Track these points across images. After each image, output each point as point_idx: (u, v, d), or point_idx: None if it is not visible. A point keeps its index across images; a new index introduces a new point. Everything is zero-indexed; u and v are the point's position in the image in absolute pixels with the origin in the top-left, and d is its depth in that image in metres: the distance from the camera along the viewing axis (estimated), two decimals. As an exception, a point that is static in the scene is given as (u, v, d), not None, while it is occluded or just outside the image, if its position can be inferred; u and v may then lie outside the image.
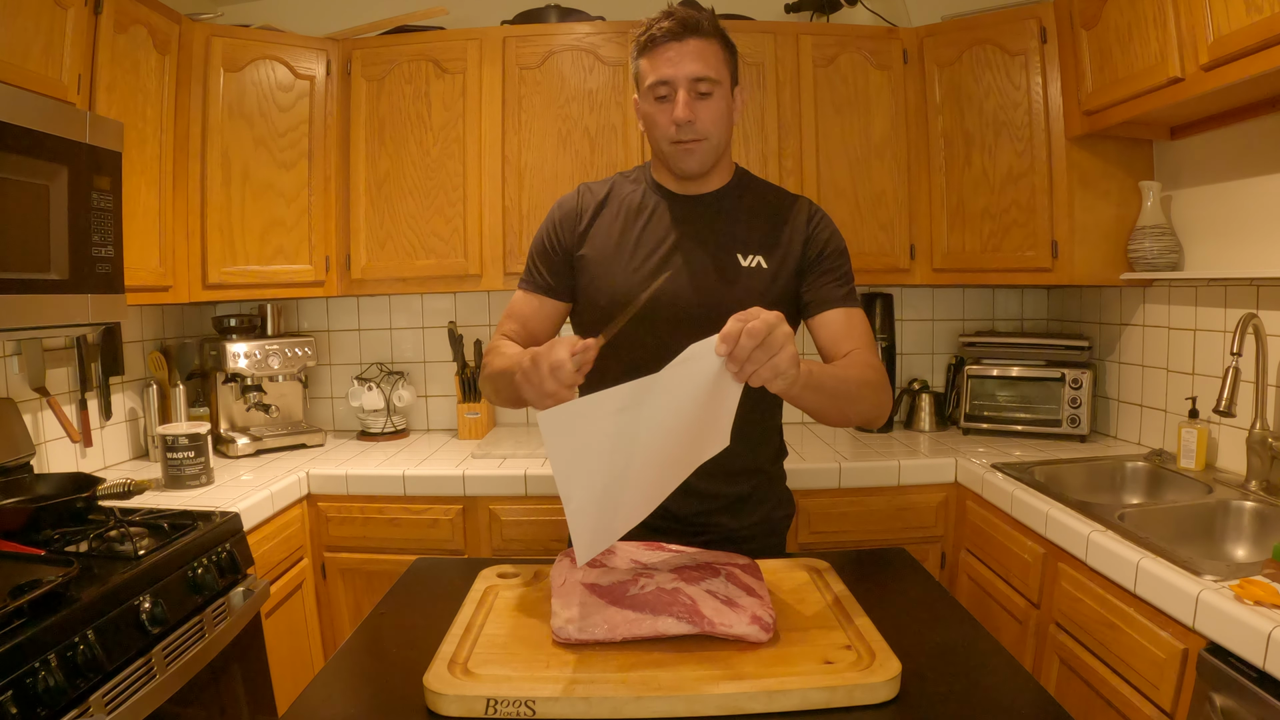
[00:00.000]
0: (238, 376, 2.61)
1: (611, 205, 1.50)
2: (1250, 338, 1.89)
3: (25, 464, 1.97)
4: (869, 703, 0.91)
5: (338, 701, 0.99)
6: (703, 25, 1.36)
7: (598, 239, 1.47)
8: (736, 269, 1.43)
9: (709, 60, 1.36)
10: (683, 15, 1.36)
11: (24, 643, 1.21)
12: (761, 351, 0.99)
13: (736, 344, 0.99)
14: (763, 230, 1.46)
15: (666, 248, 1.44)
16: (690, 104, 1.36)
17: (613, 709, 0.90)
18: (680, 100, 1.35)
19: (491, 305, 2.97)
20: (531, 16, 2.66)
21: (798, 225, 1.47)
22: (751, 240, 1.45)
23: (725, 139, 1.43)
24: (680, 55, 1.35)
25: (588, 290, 1.48)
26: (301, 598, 2.27)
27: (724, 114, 1.40)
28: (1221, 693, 1.25)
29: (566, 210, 1.51)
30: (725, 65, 1.39)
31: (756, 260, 1.44)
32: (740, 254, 1.44)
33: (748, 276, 1.43)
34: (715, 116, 1.39)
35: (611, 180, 1.54)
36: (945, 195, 2.58)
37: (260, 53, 2.46)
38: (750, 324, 0.99)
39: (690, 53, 1.35)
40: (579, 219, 1.50)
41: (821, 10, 2.74)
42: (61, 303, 1.73)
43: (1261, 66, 1.58)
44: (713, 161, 1.43)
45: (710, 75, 1.36)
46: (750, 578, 1.14)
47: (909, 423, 2.82)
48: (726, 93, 1.40)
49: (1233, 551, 1.79)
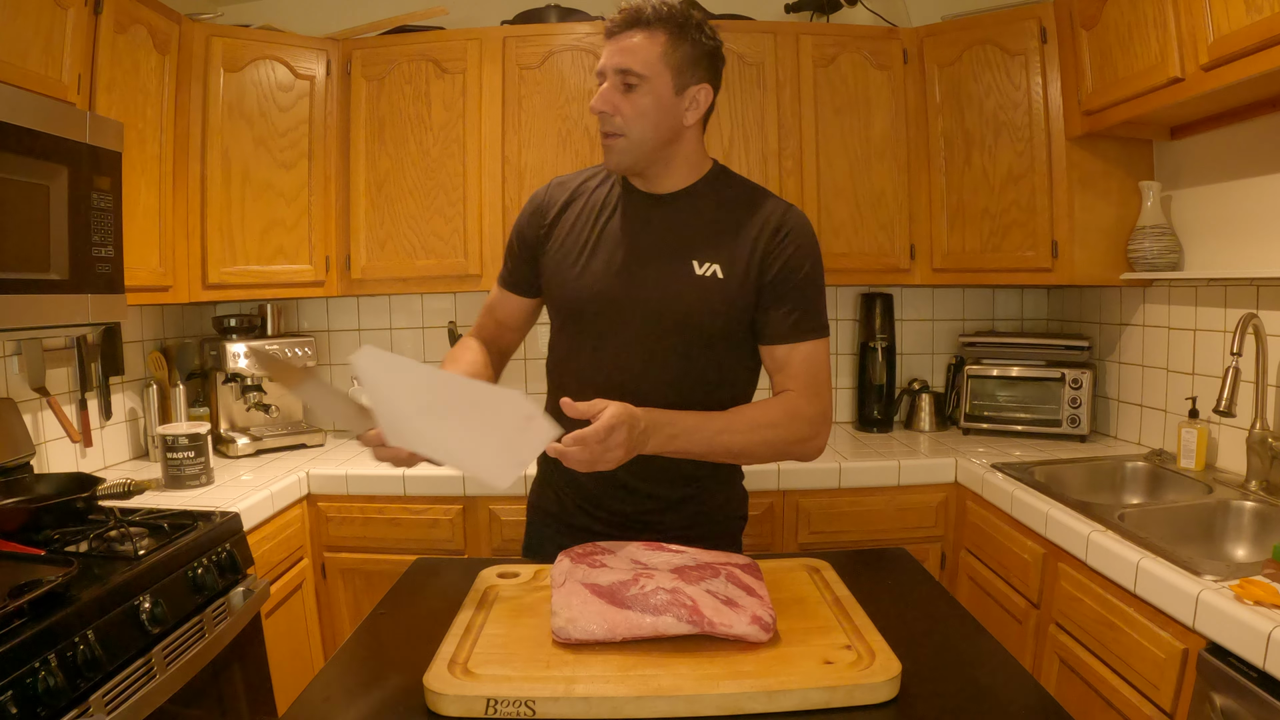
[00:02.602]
0: (238, 376, 2.61)
1: (577, 202, 1.46)
2: (1250, 338, 1.89)
3: (25, 464, 1.97)
4: (869, 703, 0.91)
5: (338, 701, 0.99)
6: (646, 15, 1.30)
7: (559, 238, 1.45)
8: (688, 278, 1.36)
9: (640, 54, 1.30)
10: (626, 8, 1.31)
11: (24, 643, 1.20)
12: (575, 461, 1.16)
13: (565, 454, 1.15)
14: (725, 237, 1.37)
15: (617, 252, 1.39)
16: (608, 95, 1.32)
17: (613, 709, 0.90)
18: (601, 91, 1.32)
19: (491, 305, 2.97)
20: (531, 16, 2.66)
21: (763, 236, 1.37)
22: (710, 247, 1.37)
23: (653, 137, 1.34)
24: (616, 48, 1.32)
25: (546, 290, 1.48)
26: (301, 598, 2.27)
27: (649, 111, 1.32)
28: (1221, 693, 1.25)
29: (535, 204, 1.50)
30: (663, 61, 1.31)
31: (712, 269, 1.36)
32: (696, 261, 1.36)
33: (700, 286, 1.35)
34: (636, 112, 1.32)
35: (586, 174, 1.51)
36: (945, 195, 2.58)
37: (260, 53, 2.46)
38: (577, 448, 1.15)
39: (624, 46, 1.31)
40: (544, 214, 1.47)
41: (821, 10, 2.74)
42: (61, 303, 1.72)
43: (1261, 66, 1.58)
44: (635, 160, 1.36)
45: (634, 69, 1.29)
46: (750, 578, 1.14)
47: (909, 423, 2.82)
48: (659, 89, 1.31)
49: (1233, 551, 1.79)
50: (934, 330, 3.00)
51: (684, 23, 1.32)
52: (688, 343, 1.37)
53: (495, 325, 1.58)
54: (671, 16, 1.31)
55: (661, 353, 1.37)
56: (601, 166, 1.47)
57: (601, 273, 1.39)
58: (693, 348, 1.38)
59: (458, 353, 1.52)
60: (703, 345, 1.38)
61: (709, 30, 1.34)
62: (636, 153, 1.35)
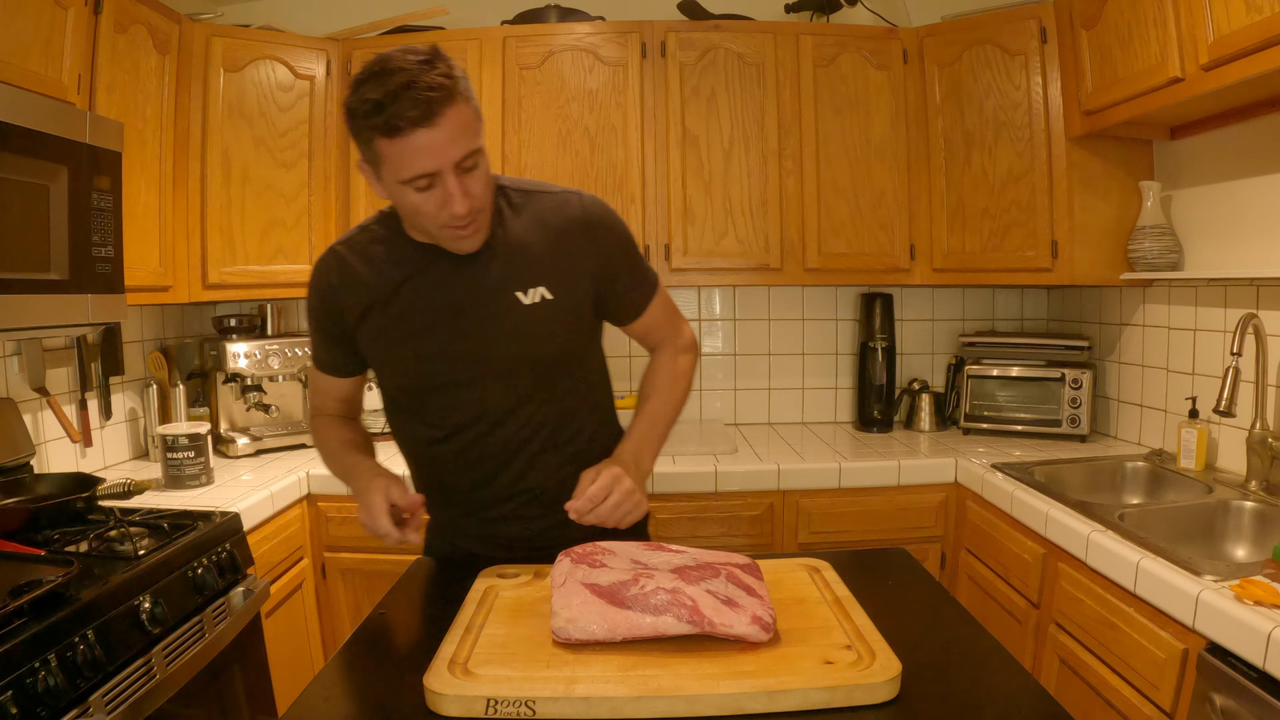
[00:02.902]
0: (238, 376, 2.61)
1: (372, 274, 1.33)
2: (1250, 338, 1.89)
3: (25, 464, 1.97)
4: (869, 703, 0.91)
5: (338, 701, 0.99)
6: (449, 88, 1.11)
7: (371, 316, 1.33)
8: (518, 311, 1.30)
9: (468, 130, 1.14)
10: (427, 88, 1.09)
11: (24, 643, 1.20)
12: (614, 519, 1.25)
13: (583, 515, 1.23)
14: (540, 258, 1.31)
15: (438, 314, 1.31)
16: (465, 191, 1.16)
17: (613, 709, 0.90)
18: (455, 191, 1.15)
19: (491, 305, 2.97)
20: (531, 16, 2.66)
21: (574, 241, 1.32)
22: (528, 272, 1.30)
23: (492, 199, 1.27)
24: (438, 140, 1.11)
25: (376, 371, 1.42)
26: (301, 598, 2.27)
27: (489, 176, 1.23)
28: (1221, 693, 1.25)
29: (320, 292, 1.37)
30: (477, 117, 1.17)
31: (539, 293, 1.30)
32: (519, 292, 1.30)
33: (532, 314, 1.30)
34: (486, 182, 1.22)
35: (363, 238, 1.35)
36: (945, 195, 2.58)
37: (260, 53, 2.46)
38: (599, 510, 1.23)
39: (448, 134, 1.12)
40: (337, 292, 1.35)
41: (821, 10, 2.74)
42: (61, 303, 1.72)
43: (1261, 66, 1.58)
44: (485, 233, 1.27)
45: (474, 146, 1.16)
46: (750, 578, 1.14)
47: (909, 423, 2.82)
48: (486, 149, 1.21)
49: (1233, 551, 1.79)
50: (934, 330, 3.00)
51: (460, 74, 1.15)
52: (542, 373, 1.36)
53: (341, 403, 1.51)
54: (456, 75, 1.14)
55: (522, 391, 1.35)
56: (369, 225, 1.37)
57: (433, 342, 1.31)
58: (549, 376, 1.36)
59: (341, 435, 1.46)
60: (557, 370, 1.37)
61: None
62: (486, 226, 1.27)
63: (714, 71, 2.55)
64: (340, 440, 1.45)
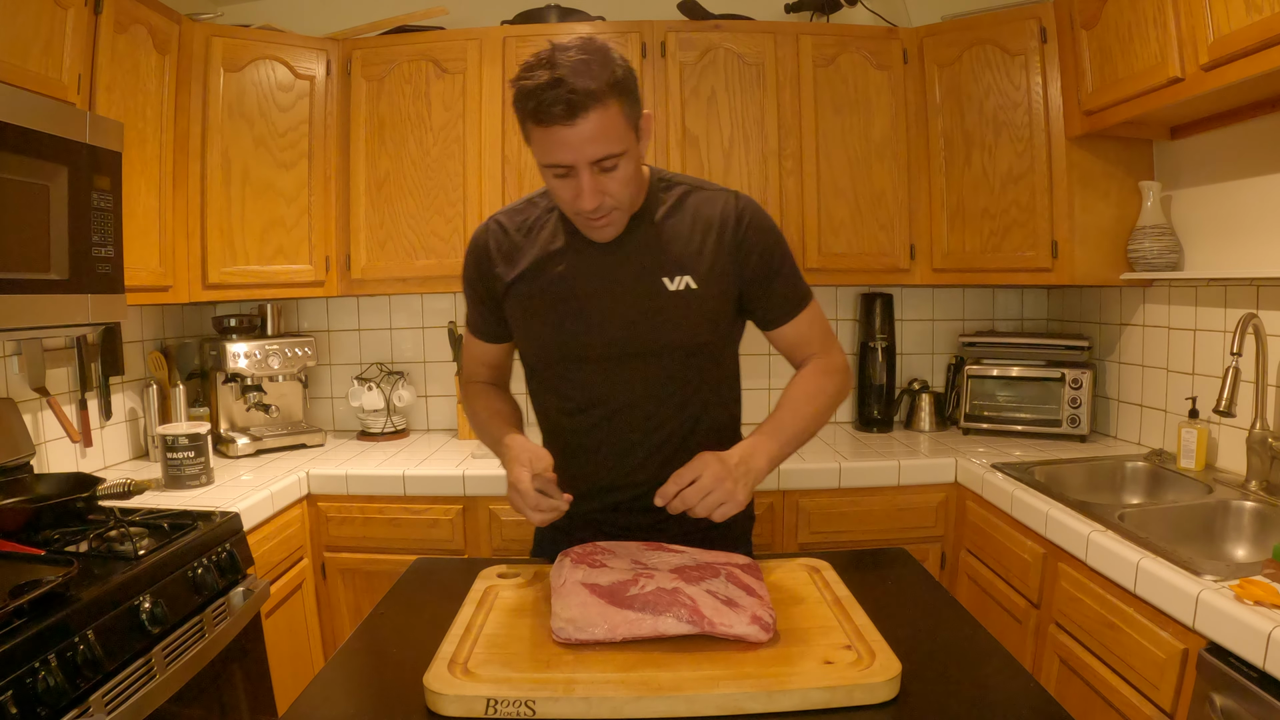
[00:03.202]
0: (238, 376, 2.61)
1: (527, 249, 1.39)
2: (1250, 338, 1.89)
3: (25, 464, 1.97)
4: (869, 703, 0.91)
5: (338, 701, 0.99)
6: (596, 92, 1.15)
7: (518, 287, 1.39)
8: (662, 296, 1.34)
9: (610, 134, 1.18)
10: (569, 91, 1.13)
11: (24, 643, 1.20)
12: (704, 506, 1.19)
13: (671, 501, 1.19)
14: (688, 247, 1.35)
15: (585, 292, 1.36)
16: (595, 188, 1.22)
17: (613, 709, 0.90)
18: (586, 187, 1.21)
19: (491, 305, 2.97)
20: (531, 16, 2.66)
21: (725, 236, 1.35)
22: (676, 261, 1.34)
23: (639, 190, 1.31)
24: (575, 139, 1.17)
25: (520, 343, 1.46)
26: (301, 598, 2.27)
27: (633, 174, 1.26)
28: (1221, 693, 1.25)
29: (478, 254, 1.43)
30: (627, 121, 1.21)
31: (684, 281, 1.34)
32: (666, 278, 1.34)
33: (675, 301, 1.33)
34: (625, 181, 1.24)
35: (521, 213, 1.42)
36: (945, 195, 2.58)
37: (260, 53, 2.46)
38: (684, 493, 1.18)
39: (586, 135, 1.17)
40: (492, 263, 1.41)
41: (821, 10, 2.74)
42: (61, 303, 1.72)
43: (1261, 66, 1.58)
44: (628, 220, 1.32)
45: (614, 151, 1.20)
46: (750, 578, 1.14)
47: (909, 423, 2.82)
48: (632, 150, 1.23)
49: (1233, 551, 1.79)
50: (934, 330, 3.00)
51: (622, 75, 1.19)
52: (678, 360, 1.37)
53: (490, 369, 1.56)
54: (614, 78, 1.17)
55: (655, 375, 1.37)
56: (535, 199, 1.43)
57: (578, 318, 1.35)
58: (684, 363, 1.38)
59: (491, 405, 1.49)
60: (692, 358, 1.38)
61: (621, 58, 1.22)
62: (628, 216, 1.32)
63: (714, 71, 2.55)
64: (490, 410, 1.47)
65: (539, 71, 1.16)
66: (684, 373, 1.38)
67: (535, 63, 1.17)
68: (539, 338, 1.41)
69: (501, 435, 1.38)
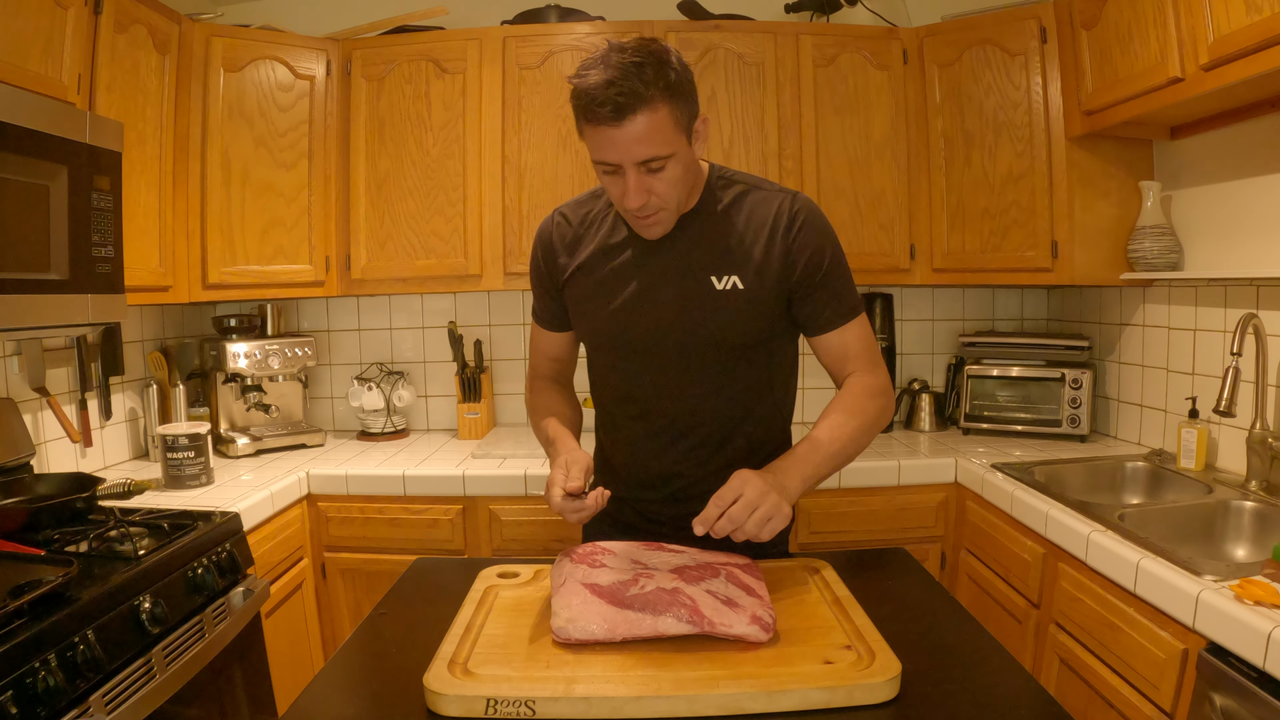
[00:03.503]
0: (238, 376, 2.61)
1: (587, 239, 1.44)
2: (1250, 338, 1.89)
3: (25, 464, 1.97)
4: (869, 703, 0.91)
5: (338, 701, 0.99)
6: (645, 95, 1.16)
7: (578, 278, 1.44)
8: (710, 294, 1.35)
9: (657, 137, 1.20)
10: (618, 93, 1.16)
11: (24, 643, 1.20)
12: (741, 532, 1.13)
13: (714, 526, 1.13)
14: (737, 247, 1.36)
15: (635, 285, 1.38)
16: (638, 187, 1.24)
17: (613, 709, 0.90)
18: (631, 186, 1.24)
19: (491, 305, 2.97)
20: (531, 16, 2.66)
21: (776, 236, 1.35)
22: (725, 260, 1.36)
23: (685, 194, 1.32)
24: (622, 139, 1.19)
25: (575, 326, 1.50)
26: (301, 598, 2.27)
27: (682, 175, 1.27)
28: (1221, 693, 1.25)
29: (544, 242, 1.48)
30: (677, 126, 1.22)
31: (732, 281, 1.35)
32: (715, 276, 1.35)
33: (722, 300, 1.35)
34: (672, 182, 1.26)
35: (585, 205, 1.47)
36: (945, 195, 2.58)
37: (260, 53, 2.46)
38: (730, 511, 1.13)
39: (633, 136, 1.19)
40: (555, 253, 1.46)
41: (821, 10, 2.74)
42: (61, 303, 1.72)
43: (1261, 66, 1.58)
44: (676, 220, 1.34)
45: (660, 153, 1.21)
46: (750, 578, 1.14)
47: (909, 423, 2.82)
48: (682, 154, 1.25)
49: (1233, 551, 1.79)
50: (934, 330, 3.00)
51: (675, 79, 1.20)
52: (722, 357, 1.39)
53: (552, 363, 1.58)
54: (665, 82, 1.18)
55: (698, 371, 1.39)
56: (599, 191, 1.45)
57: (626, 309, 1.39)
58: (728, 360, 1.39)
59: (550, 404, 1.51)
60: (737, 356, 1.39)
61: (679, 60, 1.23)
62: (675, 216, 1.33)
63: (714, 71, 2.55)
64: (548, 410, 1.49)
65: (593, 71, 1.18)
66: (727, 372, 1.39)
67: (591, 61, 1.20)
68: (590, 325, 1.45)
69: (553, 436, 1.39)
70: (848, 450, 1.31)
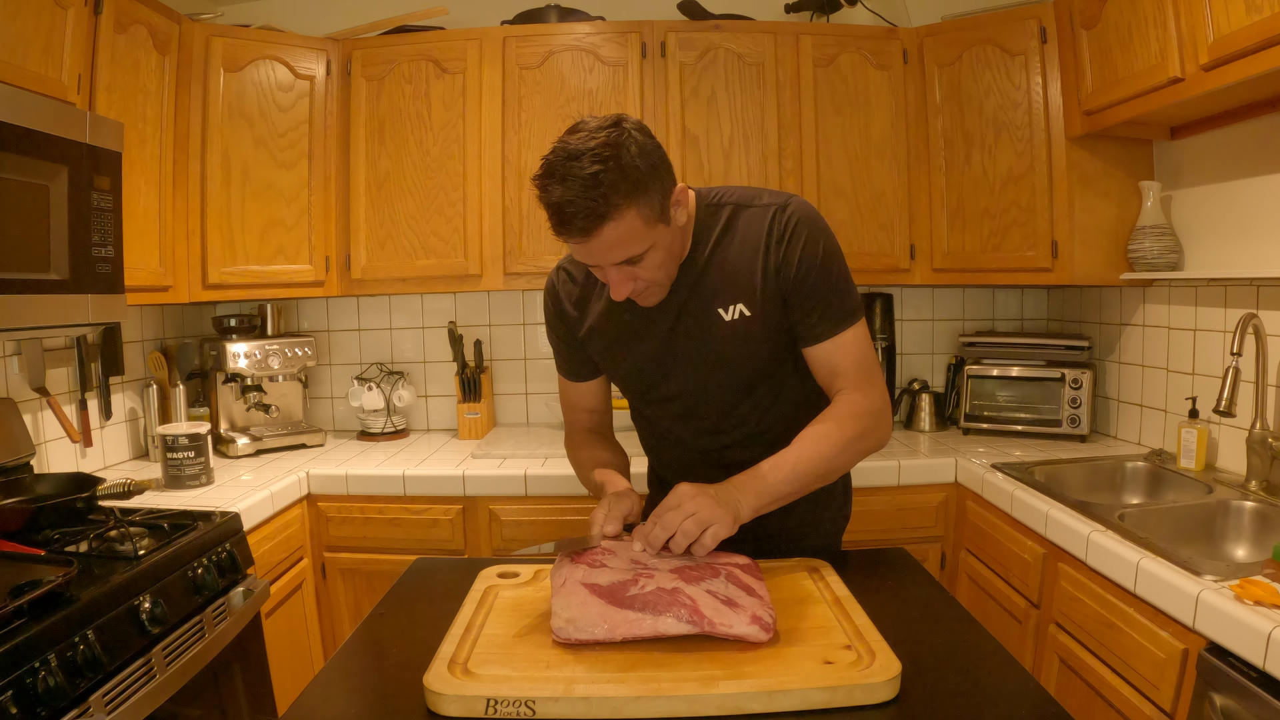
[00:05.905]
0: (238, 376, 2.61)
1: (593, 298, 1.43)
2: (1250, 338, 1.89)
3: (25, 464, 1.97)
4: (869, 703, 0.91)
5: (338, 701, 0.99)
6: (605, 210, 1.12)
7: (593, 336, 1.44)
8: (719, 327, 1.34)
9: (629, 240, 1.17)
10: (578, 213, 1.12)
11: (24, 643, 1.20)
12: (681, 534, 1.14)
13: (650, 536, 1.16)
14: (736, 274, 1.33)
15: (648, 343, 1.38)
16: (624, 278, 1.24)
17: (613, 709, 0.90)
18: (613, 282, 1.24)
19: (491, 305, 2.97)
20: (531, 16, 2.66)
21: (767, 255, 1.31)
22: (728, 290, 1.33)
23: (677, 260, 1.31)
24: (595, 248, 1.18)
25: (604, 371, 1.52)
26: (301, 598, 2.27)
27: (664, 259, 1.25)
28: (1221, 693, 1.25)
29: (554, 301, 1.48)
30: (648, 223, 1.18)
31: (738, 309, 1.33)
32: (721, 309, 1.33)
33: (733, 330, 1.33)
34: (655, 267, 1.25)
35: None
36: (945, 195, 2.58)
37: (260, 53, 2.46)
38: (664, 518, 1.15)
39: (605, 245, 1.17)
40: (565, 310, 1.46)
41: (821, 10, 2.74)
42: (61, 303, 1.72)
43: (1261, 66, 1.58)
44: (670, 283, 1.32)
45: (635, 252, 1.20)
46: (750, 577, 1.14)
47: (909, 423, 2.82)
48: (660, 239, 1.22)
49: (1233, 551, 1.79)
50: (934, 330, 3.00)
51: (639, 175, 1.15)
52: (748, 381, 1.39)
53: (589, 414, 1.58)
54: (628, 185, 1.13)
55: (728, 396, 1.40)
56: None
57: (645, 370, 1.41)
58: (754, 382, 1.39)
59: (594, 456, 1.48)
60: (765, 377, 1.39)
61: (641, 140, 1.17)
62: (669, 283, 1.32)
63: (714, 71, 2.55)
64: (593, 461, 1.47)
65: (553, 185, 1.13)
66: (760, 395, 1.40)
67: (550, 167, 1.14)
68: (618, 372, 1.47)
69: (600, 481, 1.37)
70: (817, 469, 1.26)
